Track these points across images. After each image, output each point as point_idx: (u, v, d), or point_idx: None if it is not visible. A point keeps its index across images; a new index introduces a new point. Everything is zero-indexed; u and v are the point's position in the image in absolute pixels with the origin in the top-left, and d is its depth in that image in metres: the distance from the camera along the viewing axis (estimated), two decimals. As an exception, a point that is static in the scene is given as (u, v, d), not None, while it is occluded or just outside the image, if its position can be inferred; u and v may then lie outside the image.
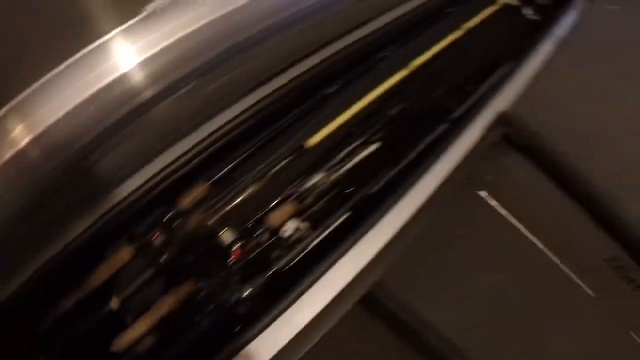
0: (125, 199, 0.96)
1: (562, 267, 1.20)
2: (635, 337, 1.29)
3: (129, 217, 0.95)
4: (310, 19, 1.13)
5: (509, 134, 1.11)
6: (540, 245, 1.17)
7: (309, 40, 1.19)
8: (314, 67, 1.15)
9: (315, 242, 1.04)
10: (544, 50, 1.33)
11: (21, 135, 0.78)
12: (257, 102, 1.11)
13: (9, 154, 0.77)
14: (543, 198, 1.19)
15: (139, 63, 0.87)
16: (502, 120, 1.10)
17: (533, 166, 1.15)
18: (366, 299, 0.99)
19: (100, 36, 0.83)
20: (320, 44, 1.20)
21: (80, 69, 0.82)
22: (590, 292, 1.23)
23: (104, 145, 0.91)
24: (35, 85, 0.79)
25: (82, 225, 0.91)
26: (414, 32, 1.36)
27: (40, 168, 0.83)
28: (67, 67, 0.81)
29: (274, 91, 1.11)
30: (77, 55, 0.82)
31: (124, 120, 0.90)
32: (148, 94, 0.92)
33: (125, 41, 0.86)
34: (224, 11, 0.96)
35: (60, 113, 0.80)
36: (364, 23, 1.23)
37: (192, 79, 1.00)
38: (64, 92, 0.81)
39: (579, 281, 1.21)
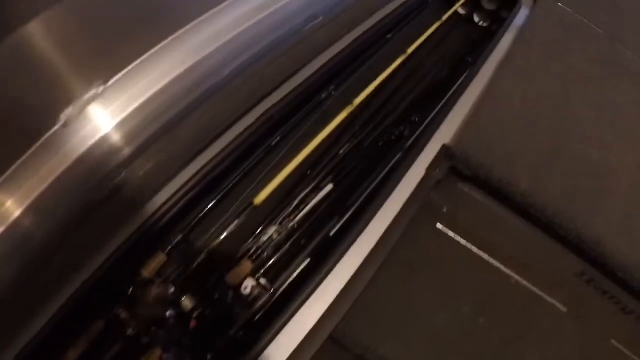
0: (96, 272, 1.00)
1: (531, 287, 1.22)
2: (618, 345, 1.30)
3: (98, 290, 1.00)
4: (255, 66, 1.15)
5: (455, 167, 1.12)
6: (504, 269, 1.18)
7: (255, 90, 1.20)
8: (258, 118, 1.17)
9: (276, 295, 1.09)
10: (488, 69, 1.32)
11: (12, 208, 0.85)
12: (206, 164, 1.15)
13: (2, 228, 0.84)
14: (501, 223, 1.21)
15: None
16: (446, 154, 1.11)
17: (486, 194, 1.15)
18: (332, 343, 1.01)
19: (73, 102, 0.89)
20: (265, 92, 1.20)
21: (59, 138, 0.88)
22: (562, 308, 1.24)
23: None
24: (21, 159, 0.85)
25: (61, 299, 0.97)
26: (355, 66, 1.36)
27: (33, 237, 0.90)
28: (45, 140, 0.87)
29: (220, 152, 1.14)
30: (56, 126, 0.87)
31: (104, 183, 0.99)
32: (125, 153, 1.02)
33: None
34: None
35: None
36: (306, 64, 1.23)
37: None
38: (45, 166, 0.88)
39: (549, 299, 1.22)
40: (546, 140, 1.28)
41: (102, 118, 0.88)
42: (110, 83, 0.86)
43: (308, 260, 1.13)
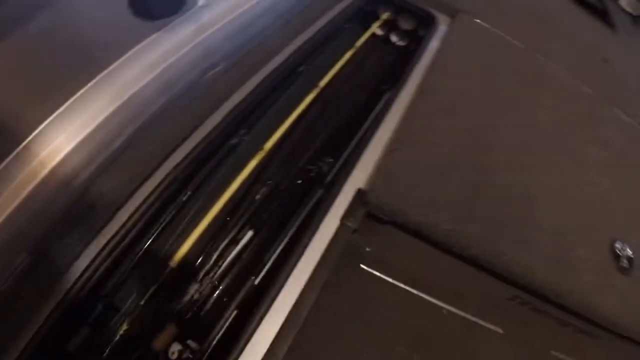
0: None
1: (464, 315, 1.24)
2: (559, 355, 1.34)
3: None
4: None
5: (370, 213, 1.13)
6: (435, 301, 1.20)
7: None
8: (166, 176, 1.18)
9: (205, 355, 1.09)
10: (405, 97, 1.34)
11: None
12: (118, 230, 1.13)
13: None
14: (427, 258, 1.24)
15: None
16: (361, 200, 1.13)
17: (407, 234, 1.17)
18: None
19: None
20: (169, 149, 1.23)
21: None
22: (499, 330, 1.27)
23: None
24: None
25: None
26: (266, 106, 1.36)
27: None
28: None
29: (129, 217, 1.14)
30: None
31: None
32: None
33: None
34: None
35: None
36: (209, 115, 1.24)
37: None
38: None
39: (485, 323, 1.25)
40: (467, 175, 1.33)
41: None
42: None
43: (234, 314, 1.14)
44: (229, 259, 1.21)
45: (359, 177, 1.22)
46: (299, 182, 1.37)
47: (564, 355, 1.34)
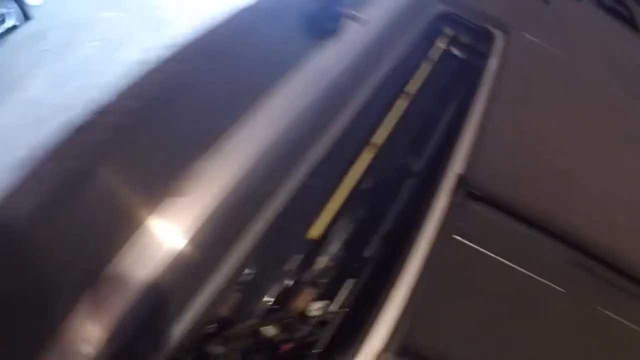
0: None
1: (534, 276, 1.53)
2: (608, 313, 1.61)
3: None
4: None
5: (471, 193, 1.47)
6: (512, 264, 1.49)
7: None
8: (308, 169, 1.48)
9: (342, 314, 1.35)
10: (479, 102, 1.68)
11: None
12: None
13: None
14: (507, 229, 1.55)
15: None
16: (463, 182, 1.46)
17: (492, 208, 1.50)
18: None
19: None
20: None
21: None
22: (561, 289, 1.55)
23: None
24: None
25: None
26: (370, 111, 1.69)
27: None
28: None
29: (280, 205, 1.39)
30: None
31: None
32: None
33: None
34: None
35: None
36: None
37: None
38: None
39: (551, 284, 1.54)
40: (535, 160, 1.75)
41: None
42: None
43: (363, 280, 1.41)
44: (352, 234, 1.51)
45: (457, 166, 1.58)
46: (404, 169, 1.73)
47: (611, 313, 1.64)
